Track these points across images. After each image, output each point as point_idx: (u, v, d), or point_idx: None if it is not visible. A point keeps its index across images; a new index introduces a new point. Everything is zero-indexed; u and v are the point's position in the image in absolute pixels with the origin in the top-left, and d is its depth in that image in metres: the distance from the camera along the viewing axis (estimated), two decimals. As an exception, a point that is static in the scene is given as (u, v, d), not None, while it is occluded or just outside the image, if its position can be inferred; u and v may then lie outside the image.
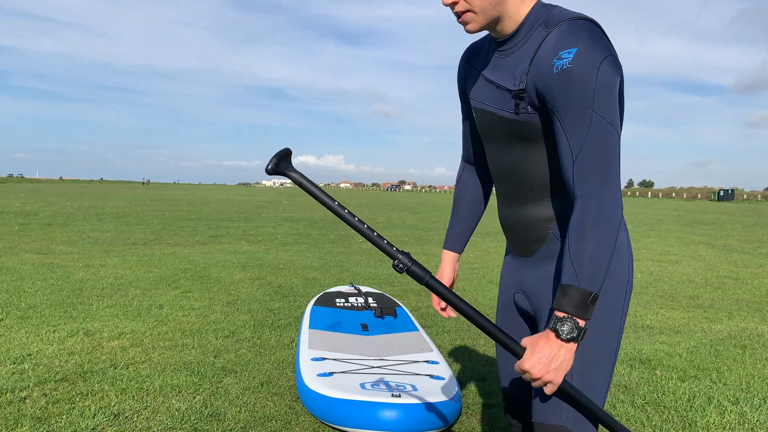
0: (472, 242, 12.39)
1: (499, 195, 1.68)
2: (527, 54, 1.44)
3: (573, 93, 1.33)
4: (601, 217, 1.33)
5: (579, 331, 1.33)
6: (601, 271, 1.33)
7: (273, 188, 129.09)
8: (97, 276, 7.16)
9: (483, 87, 1.58)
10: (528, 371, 1.35)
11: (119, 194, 39.93)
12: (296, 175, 1.40)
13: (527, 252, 1.61)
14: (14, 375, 3.61)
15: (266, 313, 5.47)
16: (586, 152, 1.34)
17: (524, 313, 1.69)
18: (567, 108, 1.35)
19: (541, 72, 1.38)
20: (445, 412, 2.81)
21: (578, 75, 1.32)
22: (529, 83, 1.42)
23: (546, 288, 1.56)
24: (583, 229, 1.34)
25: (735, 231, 17.71)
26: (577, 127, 1.35)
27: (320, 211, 23.52)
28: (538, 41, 1.41)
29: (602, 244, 1.33)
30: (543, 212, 1.54)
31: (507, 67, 1.50)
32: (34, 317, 5.04)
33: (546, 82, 1.37)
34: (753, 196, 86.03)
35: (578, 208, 1.36)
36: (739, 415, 3.37)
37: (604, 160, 1.34)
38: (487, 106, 1.57)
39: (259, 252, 9.98)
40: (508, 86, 1.48)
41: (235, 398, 3.37)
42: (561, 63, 1.34)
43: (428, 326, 5.09)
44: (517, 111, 1.46)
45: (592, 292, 1.32)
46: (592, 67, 1.33)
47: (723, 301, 6.79)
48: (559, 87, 1.34)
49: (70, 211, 18.92)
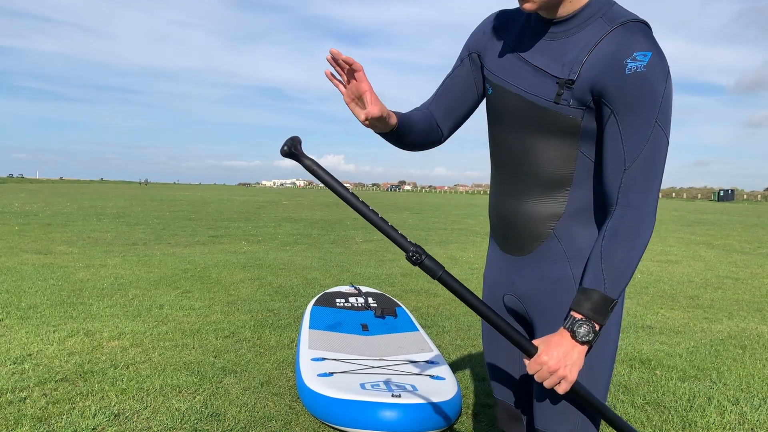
0: (472, 242, 12.39)
1: (497, 185, 1.57)
2: (583, 44, 1.36)
3: (641, 98, 1.28)
4: (639, 229, 1.32)
5: (595, 335, 1.33)
6: (625, 280, 1.33)
7: (273, 188, 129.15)
8: (97, 276, 7.16)
9: (513, 66, 1.47)
10: (545, 363, 1.32)
11: (119, 194, 39.94)
12: (309, 162, 1.35)
13: (521, 250, 1.53)
14: (14, 375, 3.62)
15: (266, 313, 5.47)
16: (641, 162, 1.30)
17: (515, 314, 1.62)
18: (631, 112, 1.29)
19: (606, 68, 1.31)
20: (445, 412, 2.81)
21: (650, 81, 1.28)
22: (583, 75, 1.34)
23: (543, 290, 1.50)
24: (619, 236, 1.32)
25: (735, 231, 17.71)
26: (637, 134, 1.30)
27: (320, 211, 23.52)
28: (599, 34, 1.35)
29: (634, 255, 1.32)
30: (549, 209, 1.46)
31: (554, 51, 1.41)
32: (34, 317, 5.04)
33: (613, 80, 1.30)
34: (753, 196, 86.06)
35: (617, 215, 1.34)
36: (739, 415, 3.37)
37: (653, 173, 1.32)
38: (514, 87, 1.46)
39: (259, 252, 9.98)
40: (554, 73, 1.39)
41: (235, 398, 3.37)
42: (636, 65, 1.28)
43: (428, 326, 5.10)
44: (557, 100, 1.38)
45: (613, 299, 1.32)
46: (663, 76, 1.29)
47: (723, 301, 6.79)
48: (629, 89, 1.29)
49: (70, 211, 18.93)
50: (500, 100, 1.50)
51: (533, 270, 1.52)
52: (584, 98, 1.35)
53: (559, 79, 1.37)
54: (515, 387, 1.68)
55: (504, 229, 1.57)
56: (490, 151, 1.60)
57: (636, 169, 1.31)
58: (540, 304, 1.51)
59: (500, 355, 1.67)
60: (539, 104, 1.41)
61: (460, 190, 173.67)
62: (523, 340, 1.37)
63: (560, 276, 1.47)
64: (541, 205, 1.47)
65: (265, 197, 42.83)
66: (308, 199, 37.91)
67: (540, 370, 1.33)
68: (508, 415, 1.71)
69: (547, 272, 1.49)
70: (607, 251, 1.33)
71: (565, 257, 1.47)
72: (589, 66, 1.34)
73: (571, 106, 1.37)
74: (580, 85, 1.35)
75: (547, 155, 1.43)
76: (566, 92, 1.36)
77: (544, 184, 1.46)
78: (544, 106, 1.40)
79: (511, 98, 1.47)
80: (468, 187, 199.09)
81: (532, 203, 1.48)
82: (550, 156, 1.43)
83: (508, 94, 1.48)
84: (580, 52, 1.36)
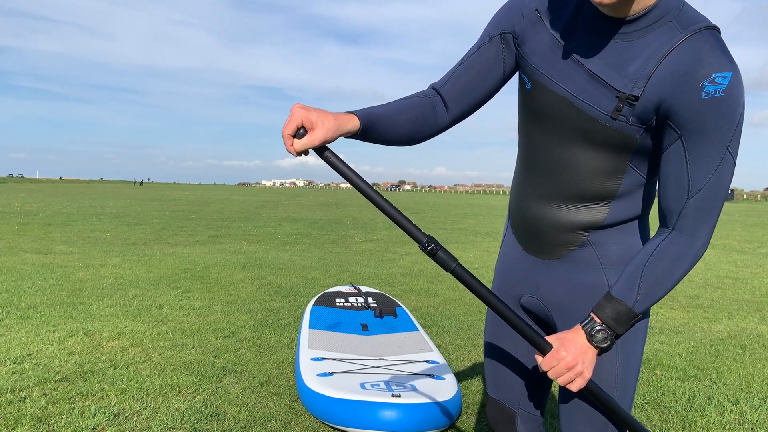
0: (472, 242, 12.38)
1: (525, 186, 1.45)
2: (650, 52, 1.20)
3: (717, 125, 1.15)
4: (686, 257, 1.27)
5: (610, 344, 1.31)
6: (654, 300, 1.30)
7: (273, 188, 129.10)
8: (97, 276, 7.15)
9: (562, 64, 1.30)
10: (563, 359, 1.28)
11: (119, 194, 39.94)
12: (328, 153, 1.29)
13: (550, 254, 1.45)
14: (14, 375, 3.61)
15: (266, 313, 5.47)
16: (707, 191, 1.21)
17: (534, 316, 1.57)
18: (703, 140, 1.17)
19: (679, 88, 1.16)
20: (445, 412, 2.81)
21: (729, 107, 1.14)
22: (649, 92, 1.19)
23: (574, 296, 1.43)
24: (667, 260, 1.27)
25: (735, 231, 17.70)
26: (706, 162, 1.18)
27: (320, 210, 23.52)
28: (669, 42, 1.19)
29: (672, 279, 1.28)
30: (586, 218, 1.37)
31: (613, 56, 1.24)
32: (34, 317, 5.04)
33: (686, 103, 1.16)
34: (753, 196, 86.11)
35: (671, 239, 1.27)
36: (738, 415, 3.37)
37: (716, 203, 1.23)
38: (562, 89, 1.30)
39: (259, 252, 9.97)
40: (614, 84, 1.23)
41: (235, 398, 3.37)
42: (715, 89, 1.13)
43: (428, 326, 5.09)
44: (614, 116, 1.23)
45: (638, 313, 1.30)
46: (741, 100, 1.16)
47: (723, 301, 6.79)
48: (705, 116, 1.15)
49: (70, 211, 18.92)
50: (542, 99, 1.35)
51: (563, 275, 1.45)
52: (647, 117, 1.22)
53: (620, 93, 1.22)
54: (513, 387, 1.64)
55: (530, 231, 1.48)
56: (522, 148, 1.46)
57: (699, 200, 1.22)
58: (569, 310, 1.45)
59: (503, 354, 1.63)
60: (592, 115, 1.27)
61: (460, 190, 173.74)
62: (537, 336, 1.34)
63: (594, 283, 1.41)
64: (577, 214, 1.38)
65: (265, 197, 42.83)
66: (308, 199, 37.90)
67: (557, 365, 1.29)
68: (500, 415, 1.67)
69: (579, 278, 1.42)
70: (650, 270, 1.28)
71: (599, 264, 1.41)
72: (656, 82, 1.19)
73: (630, 124, 1.24)
74: (644, 102, 1.21)
75: (592, 167, 1.32)
76: (626, 108, 1.22)
77: (585, 195, 1.35)
78: (598, 118, 1.26)
79: (557, 100, 1.32)
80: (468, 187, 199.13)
81: (567, 211, 1.38)
82: (595, 168, 1.32)
83: (553, 95, 1.32)
84: (645, 63, 1.21)
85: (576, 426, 1.45)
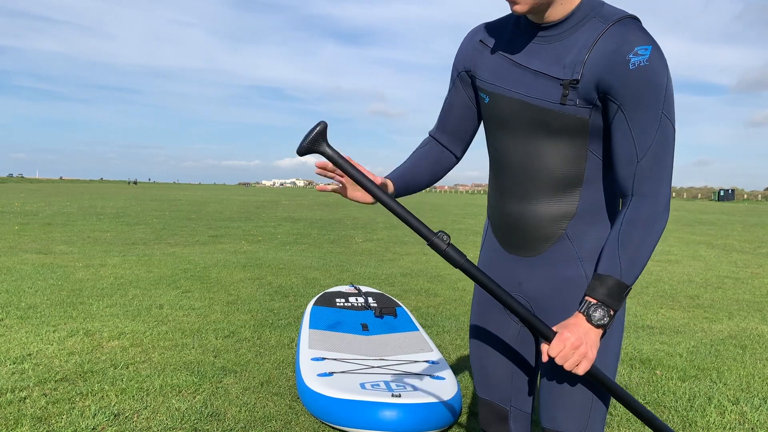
0: (472, 242, 12.39)
1: (500, 189, 1.57)
2: (581, 44, 1.38)
3: (648, 91, 1.31)
4: (654, 217, 1.36)
5: (609, 319, 1.35)
6: (640, 267, 1.36)
7: (273, 188, 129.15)
8: (97, 276, 7.15)
9: (510, 72, 1.47)
10: (568, 339, 1.32)
11: (119, 194, 39.94)
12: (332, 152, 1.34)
13: (531, 251, 1.53)
14: (14, 375, 3.61)
15: (266, 313, 5.47)
16: (652, 153, 1.34)
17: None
18: (639, 106, 1.33)
19: (610, 64, 1.33)
20: (445, 412, 2.81)
21: (654, 74, 1.31)
22: (586, 74, 1.36)
23: (555, 290, 1.50)
24: (635, 224, 1.36)
25: (735, 231, 17.71)
26: (646, 126, 1.33)
27: (320, 210, 23.52)
28: (596, 32, 1.37)
29: (649, 242, 1.36)
30: (560, 209, 1.47)
31: (550, 55, 1.42)
32: (34, 317, 5.04)
33: (618, 75, 1.33)
34: (753, 196, 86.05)
35: (633, 205, 1.37)
36: (739, 415, 3.37)
37: (665, 162, 1.35)
38: (514, 93, 1.46)
39: (259, 252, 9.98)
40: (556, 75, 1.40)
41: (235, 398, 3.37)
42: (639, 59, 1.31)
43: (428, 326, 5.09)
44: (563, 101, 1.39)
45: (628, 285, 1.36)
46: (664, 69, 1.33)
47: (723, 301, 6.79)
48: (635, 83, 1.31)
49: (70, 211, 18.92)
50: (498, 107, 1.51)
51: (544, 271, 1.52)
52: (590, 96, 1.37)
53: (562, 81, 1.38)
54: (503, 385, 1.66)
55: (509, 231, 1.57)
56: (492, 156, 1.60)
57: (648, 161, 1.35)
58: (551, 304, 1.51)
59: (489, 353, 1.66)
60: (544, 107, 1.41)
61: (460, 190, 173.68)
62: (542, 324, 1.38)
63: (573, 275, 1.49)
64: (551, 206, 1.48)
65: (264, 197, 42.82)
66: (308, 199, 37.91)
67: (564, 348, 1.33)
68: (492, 414, 1.69)
69: (559, 272, 1.50)
70: (624, 238, 1.36)
71: (577, 257, 1.49)
72: (591, 64, 1.36)
73: (578, 106, 1.38)
74: (584, 84, 1.36)
75: (556, 157, 1.45)
76: (572, 92, 1.38)
77: (555, 186, 1.47)
78: (550, 108, 1.41)
79: (511, 104, 1.47)
80: (468, 187, 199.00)
81: (542, 205, 1.49)
82: (559, 157, 1.45)
83: (507, 101, 1.48)
84: (579, 52, 1.38)
85: (557, 417, 1.48)
